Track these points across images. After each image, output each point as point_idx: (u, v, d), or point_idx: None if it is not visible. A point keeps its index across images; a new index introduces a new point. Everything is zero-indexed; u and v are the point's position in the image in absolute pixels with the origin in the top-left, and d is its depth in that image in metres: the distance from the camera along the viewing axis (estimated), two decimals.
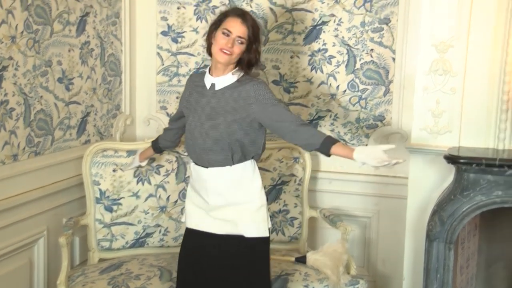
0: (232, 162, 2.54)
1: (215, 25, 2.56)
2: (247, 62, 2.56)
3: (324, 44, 3.50)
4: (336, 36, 3.48)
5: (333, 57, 3.50)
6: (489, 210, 2.82)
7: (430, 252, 2.82)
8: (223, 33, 2.50)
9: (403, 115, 3.44)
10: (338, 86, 3.51)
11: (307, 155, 3.37)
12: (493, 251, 3.22)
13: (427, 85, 3.03)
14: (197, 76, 2.72)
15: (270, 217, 2.67)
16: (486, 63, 2.91)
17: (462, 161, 2.80)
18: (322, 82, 3.53)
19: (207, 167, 2.59)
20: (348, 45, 3.47)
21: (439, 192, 3.00)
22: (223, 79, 2.56)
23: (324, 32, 3.49)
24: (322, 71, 3.52)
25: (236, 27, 2.49)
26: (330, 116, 3.54)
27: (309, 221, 3.40)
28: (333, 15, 3.46)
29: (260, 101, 2.49)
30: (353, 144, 3.51)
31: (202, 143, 2.56)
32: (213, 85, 2.58)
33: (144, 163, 3.17)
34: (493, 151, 2.89)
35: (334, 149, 2.44)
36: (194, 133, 2.59)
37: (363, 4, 3.41)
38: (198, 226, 2.63)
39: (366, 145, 3.45)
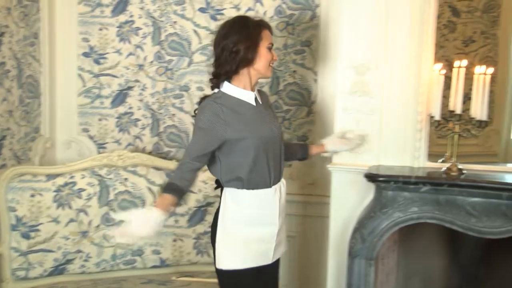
0: None
1: (252, 41, 2.50)
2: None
3: None
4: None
5: None
6: (406, 225, 2.91)
7: (352, 269, 2.87)
8: (268, 48, 2.55)
9: (325, 136, 3.51)
10: None
11: None
12: (411, 265, 3.32)
13: (347, 106, 3.10)
14: (226, 102, 2.51)
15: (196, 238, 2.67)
16: (402, 84, 3.02)
17: (381, 179, 2.88)
18: None
19: (271, 186, 2.58)
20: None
21: (361, 210, 3.08)
22: (257, 91, 2.65)
23: None
24: None
25: (271, 38, 2.60)
26: None
27: None
28: None
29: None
30: None
31: (281, 153, 2.65)
32: (256, 99, 2.61)
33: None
34: (409, 169, 3.00)
35: (310, 150, 2.92)
36: (275, 147, 2.58)
37: (285, 27, 3.48)
38: (268, 259, 2.62)
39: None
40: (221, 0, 3.53)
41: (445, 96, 2.88)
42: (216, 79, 2.57)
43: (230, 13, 3.46)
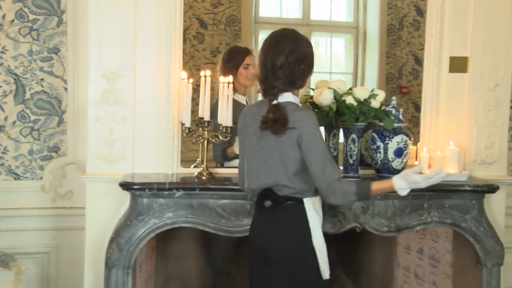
0: None
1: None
2: None
3: None
4: (1, 64, 3.27)
5: (0, 86, 3.28)
6: (163, 231, 2.97)
7: (109, 280, 2.83)
8: None
9: (79, 145, 3.41)
10: (7, 117, 3.30)
11: None
12: (169, 270, 3.41)
13: (99, 114, 3.06)
14: None
15: None
16: (153, 92, 3.07)
17: (135, 187, 2.90)
18: None
19: None
20: (16, 74, 3.29)
21: (117, 219, 3.05)
22: None
23: None
24: None
25: None
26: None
27: None
28: None
29: None
30: (26, 177, 3.33)
31: None
32: None
33: None
34: (164, 176, 3.07)
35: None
36: None
37: (29, 32, 3.28)
38: None
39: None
40: None
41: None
42: (278, 89, 2.42)
43: None
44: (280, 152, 2.38)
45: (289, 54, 2.40)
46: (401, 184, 2.37)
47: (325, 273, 2.40)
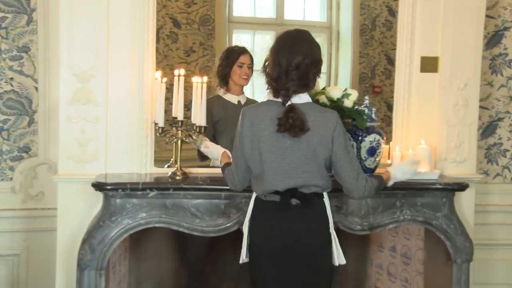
0: None
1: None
2: None
3: None
4: None
5: None
6: (137, 231, 2.95)
7: (81, 282, 2.80)
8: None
9: (50, 146, 3.37)
10: None
11: None
12: (142, 270, 3.39)
13: (71, 114, 3.02)
14: None
15: None
16: (126, 92, 3.05)
17: (108, 187, 2.87)
18: None
19: None
20: None
21: (90, 220, 3.02)
22: None
23: None
24: None
25: None
26: None
27: None
28: None
29: None
30: None
31: None
32: None
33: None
34: (137, 176, 3.04)
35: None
36: None
37: None
38: None
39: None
40: None
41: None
42: (292, 91, 2.46)
43: None
44: (313, 152, 2.44)
45: (305, 56, 2.44)
46: (397, 174, 2.72)
47: (341, 258, 2.56)
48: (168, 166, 3.14)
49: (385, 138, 3.07)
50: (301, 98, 2.46)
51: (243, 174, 2.57)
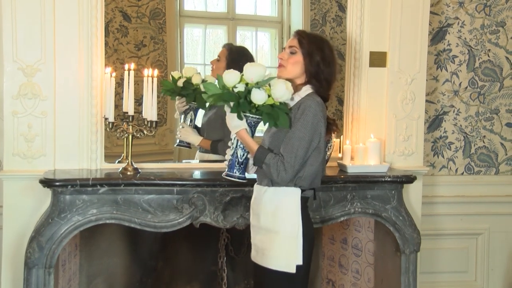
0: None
1: None
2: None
3: None
4: None
5: None
6: (87, 228, 2.90)
7: (29, 280, 2.74)
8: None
9: None
10: None
11: None
12: (94, 267, 3.34)
13: (16, 109, 2.96)
14: None
15: None
16: (75, 86, 3.00)
17: (57, 183, 2.81)
18: None
19: None
20: None
21: (38, 218, 2.95)
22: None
23: None
24: None
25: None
26: None
27: None
28: None
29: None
30: None
31: None
32: None
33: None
34: (87, 172, 2.99)
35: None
36: None
37: None
38: None
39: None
40: None
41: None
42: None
43: None
44: None
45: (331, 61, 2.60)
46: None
47: None
48: (119, 162, 3.10)
49: (336, 132, 3.12)
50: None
51: (299, 167, 2.46)
